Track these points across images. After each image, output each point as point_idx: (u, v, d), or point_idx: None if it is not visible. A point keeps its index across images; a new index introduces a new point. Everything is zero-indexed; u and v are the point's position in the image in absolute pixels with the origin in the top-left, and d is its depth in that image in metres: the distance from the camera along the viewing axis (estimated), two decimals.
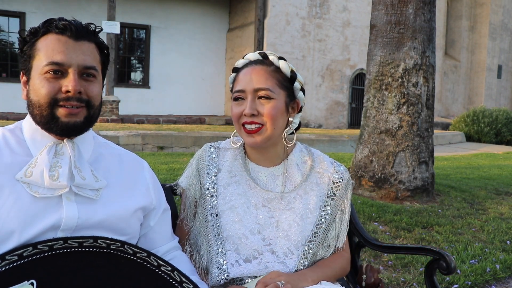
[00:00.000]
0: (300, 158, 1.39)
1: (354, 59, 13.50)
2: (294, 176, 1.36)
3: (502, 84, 19.18)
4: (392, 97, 4.64)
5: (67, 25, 1.09)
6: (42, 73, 1.07)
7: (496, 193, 5.40)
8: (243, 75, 1.30)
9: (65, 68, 1.08)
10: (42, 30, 1.10)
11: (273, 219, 1.30)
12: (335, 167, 1.40)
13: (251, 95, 1.28)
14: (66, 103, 1.07)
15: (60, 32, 1.09)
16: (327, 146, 9.34)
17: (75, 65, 1.08)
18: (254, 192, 1.32)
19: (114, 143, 1.33)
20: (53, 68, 1.07)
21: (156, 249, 1.27)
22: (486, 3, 17.88)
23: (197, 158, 1.41)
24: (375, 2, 4.80)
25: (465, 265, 3.03)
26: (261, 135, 1.28)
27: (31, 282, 0.92)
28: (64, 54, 1.07)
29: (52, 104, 1.07)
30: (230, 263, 1.25)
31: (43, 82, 1.07)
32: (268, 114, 1.26)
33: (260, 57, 1.33)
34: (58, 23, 1.09)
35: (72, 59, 1.07)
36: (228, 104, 13.84)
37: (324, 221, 1.32)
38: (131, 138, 8.01)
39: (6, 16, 11.50)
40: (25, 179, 1.05)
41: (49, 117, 1.08)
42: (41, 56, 1.08)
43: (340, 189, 1.37)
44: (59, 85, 1.07)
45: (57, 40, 1.08)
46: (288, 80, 1.32)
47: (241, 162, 1.37)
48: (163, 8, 13.05)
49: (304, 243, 1.28)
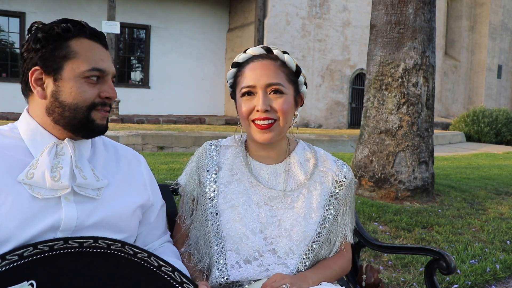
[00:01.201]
0: (303, 156, 1.38)
1: (354, 59, 13.50)
2: (297, 174, 1.34)
3: (502, 84, 19.18)
4: (392, 97, 4.64)
5: (100, 34, 1.15)
6: (83, 77, 1.09)
7: (496, 193, 5.40)
8: (251, 70, 1.27)
9: (104, 75, 1.13)
10: (75, 32, 1.10)
11: (275, 218, 1.28)
12: (338, 166, 1.38)
13: (262, 91, 1.25)
14: (103, 108, 1.13)
15: (95, 39, 1.13)
16: (327, 146, 9.34)
17: (111, 74, 1.15)
18: (256, 190, 1.30)
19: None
20: (96, 74, 1.10)
21: (153, 243, 1.29)
22: (486, 3, 17.87)
23: (197, 155, 1.40)
24: (375, 2, 4.80)
25: (465, 265, 3.03)
26: (274, 131, 1.26)
27: (31, 283, 0.92)
28: (104, 62, 1.13)
29: (90, 107, 1.10)
30: (230, 264, 1.24)
31: (84, 86, 1.09)
32: (281, 109, 1.25)
33: (264, 51, 1.30)
34: (90, 29, 1.13)
35: (110, 67, 1.14)
36: (228, 104, 13.82)
37: (327, 220, 1.31)
38: (131, 138, 8.01)
39: (6, 16, 11.50)
40: (26, 180, 1.05)
41: (85, 120, 1.10)
42: (82, 59, 1.09)
43: (343, 189, 1.35)
44: (98, 91, 1.11)
45: (96, 47, 1.13)
46: (294, 74, 1.31)
47: (242, 160, 1.35)
48: (163, 8, 13.05)
49: (308, 243, 1.27)
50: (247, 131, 1.32)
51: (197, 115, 13.07)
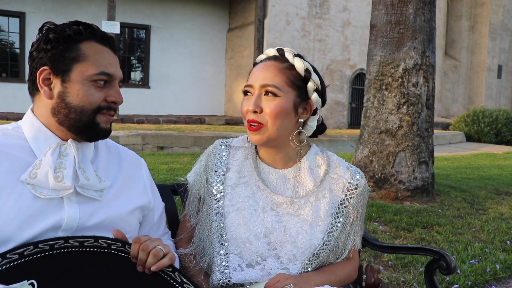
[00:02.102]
0: (314, 162, 1.33)
1: (354, 59, 13.50)
2: (306, 181, 1.30)
3: (502, 84, 19.17)
4: (392, 97, 4.64)
5: (110, 38, 1.16)
6: (91, 80, 1.09)
7: (496, 193, 5.40)
8: (255, 70, 1.27)
9: (111, 80, 1.14)
10: (86, 35, 1.10)
11: (281, 224, 1.25)
12: (351, 172, 1.34)
13: (258, 91, 1.24)
14: (108, 112, 1.14)
15: (105, 43, 1.13)
16: (327, 146, 9.29)
17: (119, 78, 1.16)
18: (263, 194, 1.28)
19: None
20: (103, 78, 1.11)
21: None
22: (486, 3, 17.87)
23: (207, 154, 1.38)
24: (375, 2, 4.80)
25: (465, 265, 3.03)
26: (261, 135, 1.23)
27: (31, 282, 0.92)
28: (113, 67, 1.14)
29: (96, 111, 1.11)
30: (232, 267, 1.23)
31: (91, 89, 1.10)
32: (270, 112, 1.21)
33: (277, 53, 1.29)
34: (100, 33, 1.13)
35: (117, 72, 1.15)
36: (228, 104, 13.84)
37: (335, 229, 1.28)
38: (131, 138, 8.00)
39: (6, 16, 11.49)
40: (29, 180, 1.05)
41: (90, 122, 1.11)
42: (91, 63, 1.09)
43: (354, 197, 1.31)
44: (104, 95, 1.12)
45: (105, 51, 1.13)
46: (301, 79, 1.27)
47: (251, 162, 1.33)
48: (163, 8, 13.05)
49: (313, 251, 1.24)
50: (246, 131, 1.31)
51: (197, 115, 13.07)
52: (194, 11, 13.46)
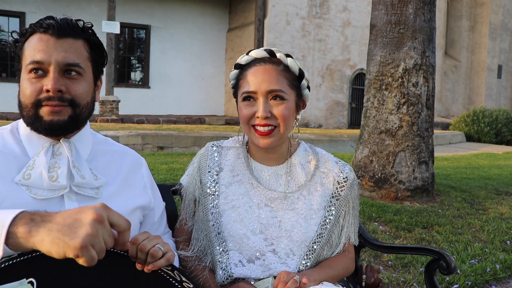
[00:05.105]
0: (305, 158, 1.37)
1: (354, 59, 13.50)
2: (298, 176, 1.34)
3: (502, 84, 19.18)
4: (392, 97, 4.64)
5: (50, 24, 1.06)
6: (27, 73, 1.07)
7: (496, 193, 5.40)
8: (253, 75, 1.25)
9: (46, 67, 1.05)
10: (29, 31, 1.09)
11: (276, 219, 1.28)
12: (340, 166, 1.38)
13: (263, 97, 1.24)
14: (48, 103, 1.05)
15: (43, 31, 1.07)
16: (327, 146, 9.33)
17: (55, 63, 1.05)
18: (257, 191, 1.31)
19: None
20: (34, 67, 1.06)
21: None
22: (486, 3, 17.88)
23: (199, 156, 1.40)
24: (375, 2, 4.80)
25: (465, 265, 3.03)
26: (274, 137, 1.26)
27: (30, 281, 0.92)
28: (44, 52, 1.05)
29: (36, 104, 1.06)
30: (233, 263, 1.24)
31: (27, 83, 1.07)
32: (282, 116, 1.24)
33: (267, 55, 1.27)
34: (43, 22, 1.08)
35: (51, 56, 1.05)
36: (228, 104, 13.82)
37: (328, 221, 1.31)
38: (131, 138, 8.00)
39: (6, 16, 11.50)
40: (24, 181, 1.04)
41: (34, 117, 1.07)
42: (26, 56, 1.08)
43: (345, 189, 1.35)
44: (41, 85, 1.05)
45: (39, 39, 1.07)
46: (296, 79, 1.30)
47: (243, 161, 1.35)
48: (163, 8, 13.05)
49: (308, 244, 1.27)
50: (247, 135, 1.31)
51: (197, 115, 13.08)
52: (194, 11, 13.47)
